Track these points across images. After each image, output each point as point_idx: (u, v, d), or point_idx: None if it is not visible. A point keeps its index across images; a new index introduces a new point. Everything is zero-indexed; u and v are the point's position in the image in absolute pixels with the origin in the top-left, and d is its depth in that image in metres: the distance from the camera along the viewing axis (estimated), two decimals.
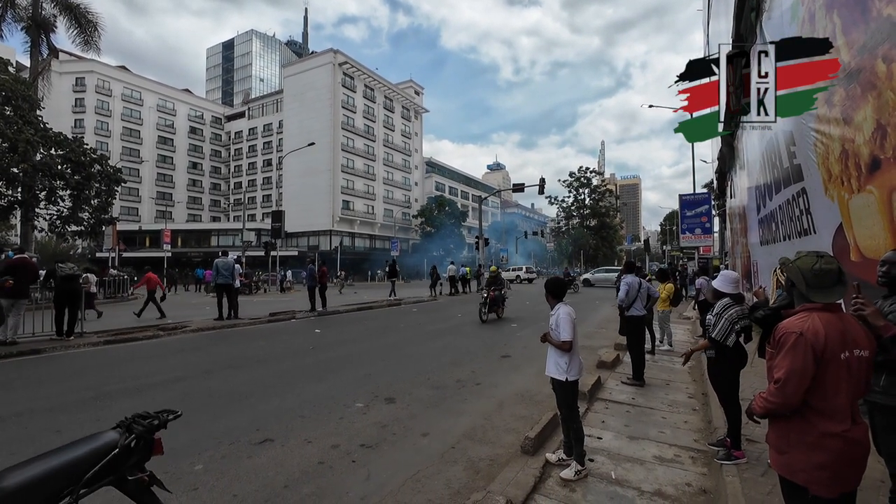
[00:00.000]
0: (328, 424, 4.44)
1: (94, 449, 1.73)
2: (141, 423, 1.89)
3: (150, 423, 1.89)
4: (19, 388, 5.75)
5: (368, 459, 3.66)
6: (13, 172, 15.36)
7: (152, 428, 1.90)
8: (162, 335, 9.79)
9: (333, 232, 53.52)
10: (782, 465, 1.94)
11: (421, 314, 15.04)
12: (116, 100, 59.45)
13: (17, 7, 19.32)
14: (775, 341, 1.94)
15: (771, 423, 2.02)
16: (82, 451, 1.71)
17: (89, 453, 1.71)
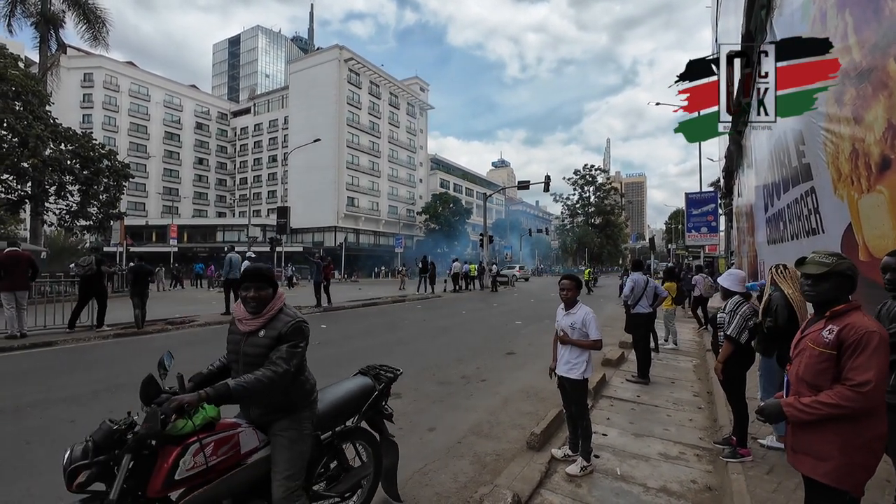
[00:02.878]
0: None
1: (362, 388, 2.61)
2: (385, 374, 2.80)
3: (392, 374, 2.83)
4: (34, 380, 5.85)
5: None
6: (23, 167, 15.53)
7: (394, 378, 2.83)
8: (170, 329, 9.89)
9: (338, 228, 53.69)
10: (826, 472, 1.80)
11: (426, 311, 15.10)
12: (124, 95, 59.77)
13: (26, 2, 19.46)
14: (853, 342, 1.78)
15: (810, 428, 1.86)
16: (355, 389, 2.59)
17: (359, 391, 2.58)
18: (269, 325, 2.05)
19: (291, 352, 2.00)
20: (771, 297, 3.64)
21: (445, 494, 3.11)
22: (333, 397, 2.45)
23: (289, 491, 1.95)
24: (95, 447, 1.66)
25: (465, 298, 20.66)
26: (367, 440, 2.70)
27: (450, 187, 73.22)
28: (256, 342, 2.03)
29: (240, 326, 2.10)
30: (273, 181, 66.77)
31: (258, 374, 1.91)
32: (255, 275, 2.08)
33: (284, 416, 2.06)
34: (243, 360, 2.05)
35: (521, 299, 20.80)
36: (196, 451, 1.79)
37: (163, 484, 1.71)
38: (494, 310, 15.92)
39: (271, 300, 2.09)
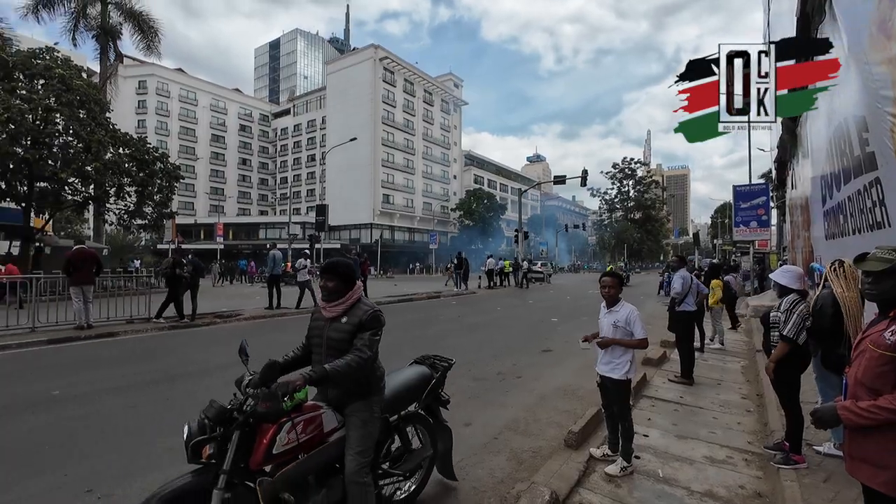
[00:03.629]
0: None
1: (421, 376, 2.84)
2: (440, 363, 3.01)
3: (446, 363, 3.03)
4: (99, 368, 6.33)
5: None
6: (87, 171, 16.71)
7: (448, 367, 3.02)
8: (219, 322, 10.42)
9: (374, 225, 54.62)
10: (886, 481, 1.72)
11: (460, 307, 15.14)
12: (174, 100, 63.13)
13: (87, 17, 20.91)
14: None
15: (868, 434, 1.77)
16: (414, 377, 2.81)
17: (419, 379, 2.81)
18: (350, 312, 2.28)
19: (372, 339, 2.22)
20: (819, 295, 3.42)
21: (482, 489, 3.13)
22: (397, 384, 2.64)
23: (360, 466, 2.16)
24: (211, 424, 1.85)
25: (499, 295, 20.56)
26: (425, 424, 2.88)
27: (484, 183, 72.86)
28: (340, 327, 2.26)
29: (324, 313, 2.34)
30: (312, 180, 68.70)
31: (348, 360, 2.13)
32: (328, 269, 2.32)
33: (358, 399, 2.27)
34: (327, 344, 2.28)
35: (558, 296, 20.47)
36: (290, 429, 2.00)
37: (263, 457, 1.91)
38: (530, 306, 15.76)
39: (347, 291, 2.31)
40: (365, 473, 2.18)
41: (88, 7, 20.87)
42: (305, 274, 13.26)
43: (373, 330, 2.24)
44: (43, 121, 15.69)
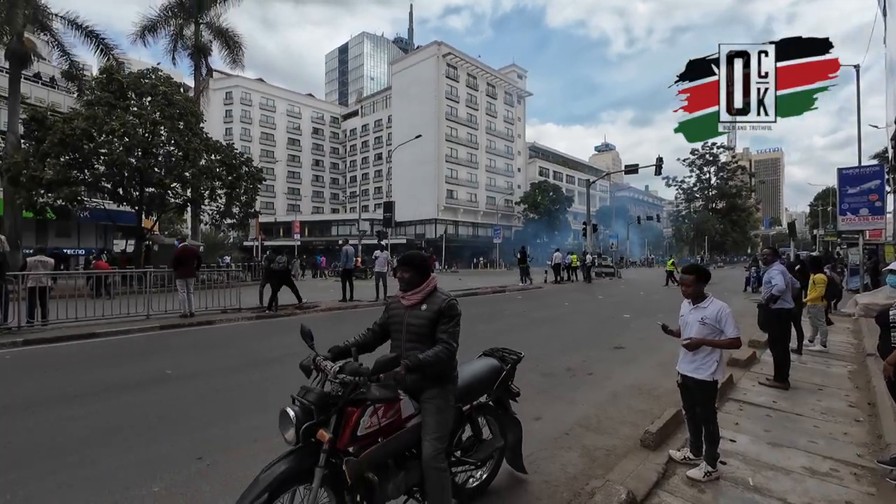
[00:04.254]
0: None
1: (491, 368, 2.91)
2: (509, 356, 3.05)
3: (515, 356, 3.07)
4: (203, 351, 7.11)
5: None
6: (186, 176, 18.68)
7: (518, 360, 3.07)
8: (298, 313, 11.22)
9: (438, 220, 55.40)
10: None
11: (526, 301, 14.96)
12: (256, 108, 68.35)
13: (184, 37, 23.25)
14: None
15: None
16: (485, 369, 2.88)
17: (489, 371, 2.88)
18: (429, 300, 2.40)
19: (454, 330, 2.35)
20: None
21: (554, 483, 3.12)
22: (469, 374, 2.71)
23: (436, 451, 2.24)
24: (316, 408, 2.00)
25: (567, 290, 20.01)
26: (495, 416, 2.94)
27: (549, 175, 71.00)
28: (419, 314, 2.38)
29: (403, 301, 2.47)
30: (379, 178, 71.14)
31: (437, 350, 2.26)
32: (405, 261, 2.46)
33: (433, 386, 2.35)
34: (406, 330, 2.41)
35: (629, 291, 19.50)
36: (372, 413, 2.12)
37: (349, 439, 2.03)
38: (599, 302, 15.19)
39: (422, 281, 2.44)
40: (441, 459, 2.25)
41: (184, 28, 23.20)
42: (382, 265, 13.79)
43: (453, 319, 2.35)
44: (150, 133, 17.74)
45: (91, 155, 16.81)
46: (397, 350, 2.42)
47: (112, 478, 3.09)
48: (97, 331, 8.26)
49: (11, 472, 3.15)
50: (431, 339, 2.34)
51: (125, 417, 4.23)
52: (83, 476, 3.13)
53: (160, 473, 3.14)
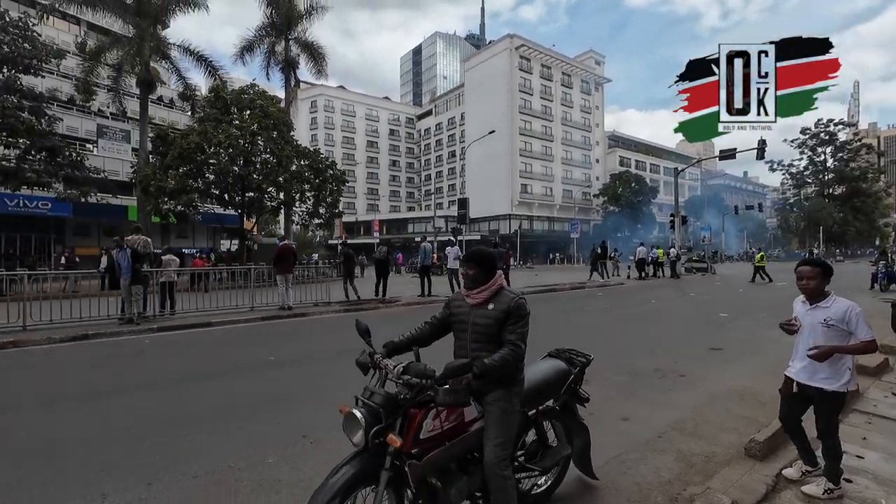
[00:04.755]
0: None
1: (557, 371, 2.73)
2: (577, 358, 2.87)
3: (584, 359, 2.87)
4: (301, 340, 7.80)
5: None
6: (279, 181, 20.47)
7: (587, 363, 2.88)
8: (381, 307, 11.81)
9: (512, 216, 54.84)
10: None
11: (608, 298, 14.33)
12: (337, 115, 72.64)
13: (275, 54, 25.39)
14: None
15: None
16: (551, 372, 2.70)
17: (556, 374, 2.71)
18: (496, 299, 2.28)
19: (523, 331, 2.22)
20: None
21: (647, 486, 3.01)
22: (535, 377, 2.55)
23: (500, 458, 2.13)
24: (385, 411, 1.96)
25: (653, 286, 18.81)
26: (562, 420, 2.80)
27: (630, 165, 66.97)
28: (486, 313, 2.26)
29: (468, 300, 2.35)
30: (453, 175, 72.05)
31: (504, 353, 2.14)
32: (470, 258, 2.36)
33: (498, 388, 2.24)
34: (472, 329, 2.30)
35: (726, 288, 17.84)
36: (435, 416, 2.06)
37: (411, 442, 1.98)
38: (691, 299, 14.09)
39: (488, 279, 2.31)
40: (505, 466, 2.15)
41: (276, 45, 25.33)
42: (454, 261, 14.03)
43: (522, 320, 2.22)
44: (250, 143, 19.65)
45: (202, 165, 19.03)
46: (462, 350, 2.35)
47: (234, 448, 3.53)
48: (212, 321, 9.41)
49: (169, 433, 3.74)
50: (498, 339, 2.23)
51: (239, 397, 4.80)
52: (213, 443, 3.62)
53: (272, 448, 3.52)
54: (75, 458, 3.41)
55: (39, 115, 17.92)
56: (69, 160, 18.34)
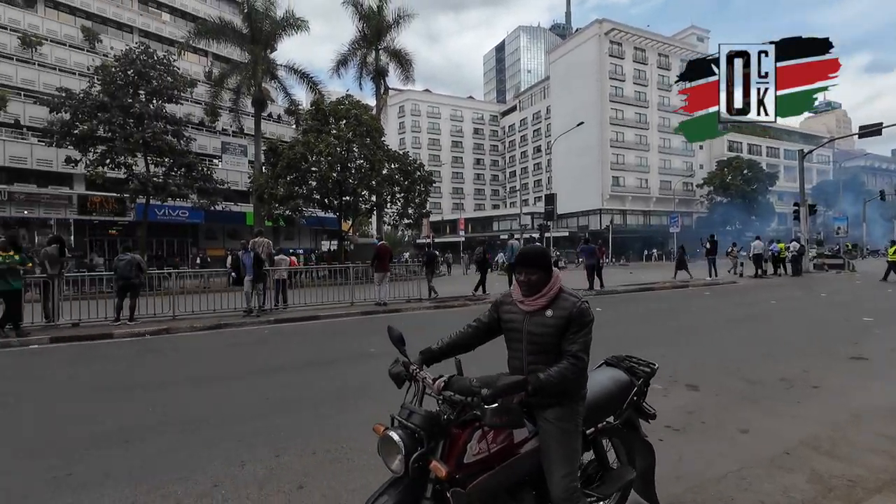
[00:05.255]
0: None
1: (618, 383, 2.36)
2: (640, 368, 2.47)
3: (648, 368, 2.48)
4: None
5: (676, 442, 3.55)
6: (372, 185, 21.74)
7: (652, 373, 2.48)
8: (469, 304, 12.00)
9: (603, 210, 52.13)
10: None
11: (715, 298, 13.03)
12: (423, 118, 74.98)
13: (367, 64, 26.95)
14: None
15: None
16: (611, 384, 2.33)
17: (617, 387, 2.34)
18: (555, 304, 1.96)
19: (585, 341, 1.92)
20: None
21: None
22: (594, 390, 2.19)
23: (568, 492, 1.87)
24: (427, 434, 1.73)
25: (772, 285, 16.69)
26: (623, 439, 2.46)
27: (742, 149, 59.85)
28: (544, 321, 1.96)
29: (521, 307, 2.04)
30: (538, 171, 70.52)
31: (562, 367, 1.85)
32: (526, 260, 2.02)
33: (557, 404, 1.94)
34: (527, 339, 2.01)
35: (868, 288, 15.19)
36: (480, 437, 1.80)
37: (454, 466, 1.74)
38: (822, 300, 12.26)
39: (547, 282, 1.99)
40: (577, 499, 1.88)
41: (367, 56, 26.88)
42: None
43: (585, 328, 1.93)
44: (346, 150, 21.12)
45: (306, 173, 20.88)
46: (517, 362, 2.08)
47: (348, 428, 3.87)
48: (318, 314, 10.33)
49: (292, 412, 4.23)
50: (558, 350, 1.94)
51: (350, 382, 5.23)
52: (330, 423, 4.01)
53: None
54: (217, 429, 3.99)
55: (179, 137, 21.04)
56: (201, 174, 21.28)
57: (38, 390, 5.38)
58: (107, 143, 19.39)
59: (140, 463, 3.31)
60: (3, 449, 3.64)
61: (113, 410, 4.51)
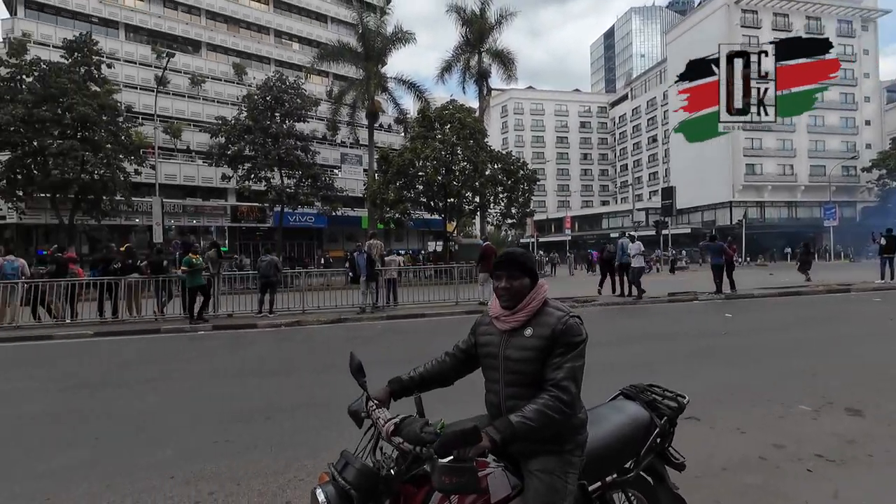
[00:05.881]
0: (756, 418, 3.95)
1: (635, 421, 1.80)
2: (664, 403, 1.90)
3: (675, 402, 1.88)
4: None
5: (832, 474, 3.02)
6: (476, 186, 22.13)
7: (679, 409, 1.87)
8: (577, 306, 11.52)
9: (734, 203, 45.98)
10: None
11: (887, 304, 10.67)
12: (526, 116, 73.95)
13: (470, 68, 27.48)
14: None
15: None
16: (626, 423, 1.78)
17: (632, 427, 1.78)
18: (536, 320, 1.56)
19: (574, 367, 1.49)
20: None
21: None
22: (600, 433, 1.70)
23: None
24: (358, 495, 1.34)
25: None
26: (643, 490, 1.88)
27: None
28: (523, 343, 1.55)
29: (497, 324, 1.65)
30: (654, 162, 64.94)
31: (541, 405, 1.42)
32: (508, 259, 1.64)
33: (545, 452, 1.52)
34: (504, 367, 1.59)
35: None
36: (442, 500, 1.38)
37: None
38: None
39: (527, 292, 1.60)
40: None
41: (470, 60, 27.40)
42: (640, 260, 12.53)
43: (573, 350, 1.49)
44: (450, 154, 21.81)
45: (413, 178, 22.04)
46: (492, 396, 1.66)
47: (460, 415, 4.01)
48: (425, 312, 10.85)
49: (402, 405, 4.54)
50: (542, 379, 1.53)
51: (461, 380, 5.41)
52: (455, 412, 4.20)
53: None
54: (341, 413, 4.43)
55: (307, 152, 23.78)
56: (325, 184, 23.79)
57: (199, 369, 6.54)
58: (251, 160, 22.74)
59: (279, 438, 3.82)
60: (177, 416, 4.49)
61: (257, 390, 5.28)
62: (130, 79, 31.03)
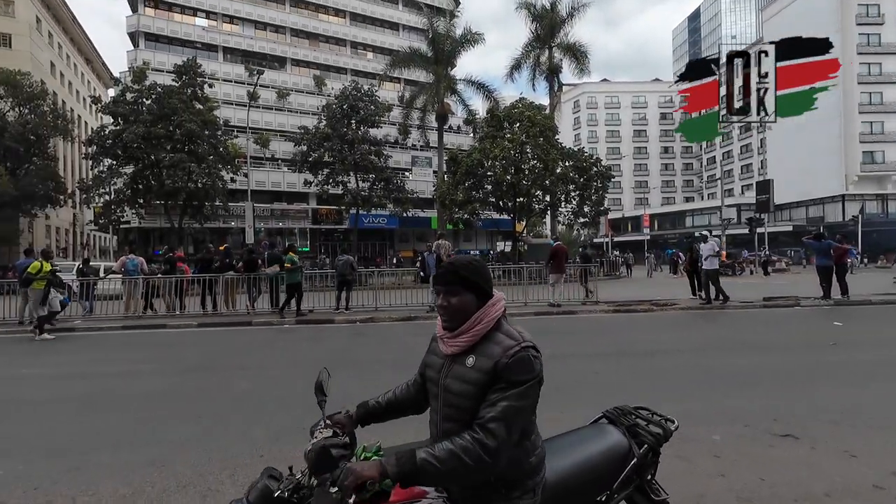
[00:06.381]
0: (875, 442, 3.46)
1: (609, 450, 1.58)
2: (646, 429, 1.65)
3: (660, 429, 1.65)
4: (574, 335, 8.07)
5: None
6: (545, 185, 21.63)
7: (664, 437, 1.65)
8: (655, 310, 10.85)
9: (847, 197, 40.36)
10: None
11: None
12: (600, 110, 70.76)
13: (540, 65, 26.92)
14: None
15: None
16: (596, 453, 1.55)
17: (607, 455, 1.56)
18: (481, 348, 1.31)
19: (511, 407, 1.21)
20: None
21: None
22: (567, 463, 1.48)
23: None
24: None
25: None
26: None
27: None
28: (463, 374, 1.31)
29: (442, 347, 1.43)
30: (747, 153, 59.05)
31: (458, 446, 1.18)
32: (442, 273, 1.40)
33: (496, 497, 1.30)
34: (443, 399, 1.36)
35: None
36: None
37: None
38: None
39: (475, 311, 1.34)
40: None
41: (540, 56, 26.85)
42: (714, 261, 11.25)
43: (515, 388, 1.22)
44: (519, 153, 21.54)
45: (482, 178, 22.08)
46: (433, 426, 1.44)
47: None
48: None
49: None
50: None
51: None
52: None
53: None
54: None
55: (379, 156, 24.80)
56: (396, 186, 24.65)
57: (282, 359, 7.11)
58: (330, 166, 24.22)
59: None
60: (267, 401, 4.92)
61: (335, 381, 5.62)
62: (227, 96, 34.48)
